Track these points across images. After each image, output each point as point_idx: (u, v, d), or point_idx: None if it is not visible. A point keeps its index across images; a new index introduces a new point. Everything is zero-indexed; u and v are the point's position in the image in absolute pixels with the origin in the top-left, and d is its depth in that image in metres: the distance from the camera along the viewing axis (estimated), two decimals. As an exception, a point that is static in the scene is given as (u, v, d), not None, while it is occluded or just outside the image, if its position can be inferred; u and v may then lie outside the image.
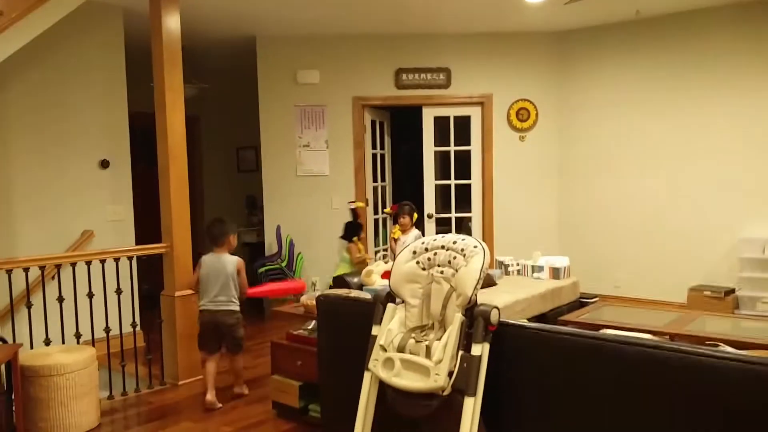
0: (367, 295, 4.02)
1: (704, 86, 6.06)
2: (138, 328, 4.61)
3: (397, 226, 5.79)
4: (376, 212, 7.14)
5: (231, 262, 4.25)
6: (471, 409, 2.46)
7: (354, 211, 6.63)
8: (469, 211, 6.98)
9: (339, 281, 4.61)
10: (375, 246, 7.10)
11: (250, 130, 7.97)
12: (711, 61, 6.00)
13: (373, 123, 7.06)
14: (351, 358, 3.20)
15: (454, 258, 2.76)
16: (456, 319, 2.61)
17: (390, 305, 2.87)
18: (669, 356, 2.07)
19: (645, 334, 3.75)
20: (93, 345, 4.12)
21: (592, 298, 5.45)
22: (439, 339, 2.68)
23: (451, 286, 2.74)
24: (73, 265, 4.23)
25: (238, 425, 3.86)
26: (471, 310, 2.65)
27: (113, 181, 5.56)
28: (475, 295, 2.64)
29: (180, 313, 4.52)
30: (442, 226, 7.17)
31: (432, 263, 2.83)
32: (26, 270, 3.99)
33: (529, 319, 4.25)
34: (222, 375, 4.50)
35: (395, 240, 5.79)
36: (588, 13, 6.12)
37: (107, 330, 4.33)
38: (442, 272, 2.78)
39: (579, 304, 5.34)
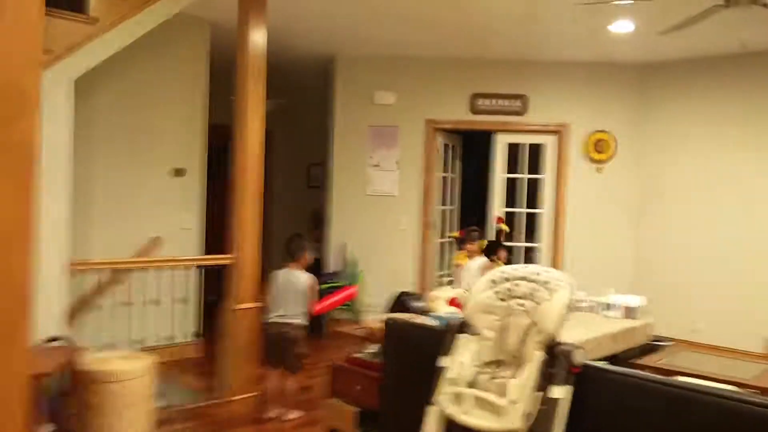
0: (433, 322, 3.87)
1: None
2: (200, 337, 4.58)
3: (462, 252, 5.60)
4: (441, 236, 6.99)
5: (304, 278, 4.36)
6: (549, 456, 2.27)
7: (498, 232, 6.50)
8: (537, 241, 6.75)
9: (399, 304, 4.47)
10: (439, 270, 6.94)
11: (321, 147, 7.98)
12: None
13: (444, 146, 6.94)
14: (416, 387, 3.05)
15: (537, 291, 2.59)
16: (536, 357, 2.44)
17: (462, 336, 2.72)
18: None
19: (729, 386, 3.47)
20: (152, 353, 4.10)
21: (666, 342, 5.14)
22: (515, 377, 2.51)
23: (531, 320, 2.57)
24: (140, 270, 4.25)
25: (291, 448, 3.75)
26: (552, 348, 2.48)
27: (186, 189, 5.61)
28: (558, 332, 2.47)
29: (238, 327, 4.45)
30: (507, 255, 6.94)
31: (512, 294, 2.67)
32: (97, 273, 4.03)
33: (598, 360, 4.00)
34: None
35: (458, 266, 5.60)
36: (674, 46, 5.87)
37: (162, 338, 4.30)
38: (522, 305, 2.62)
39: (651, 347, 5.05)
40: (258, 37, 4.50)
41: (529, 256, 6.84)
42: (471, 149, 7.68)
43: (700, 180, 6.27)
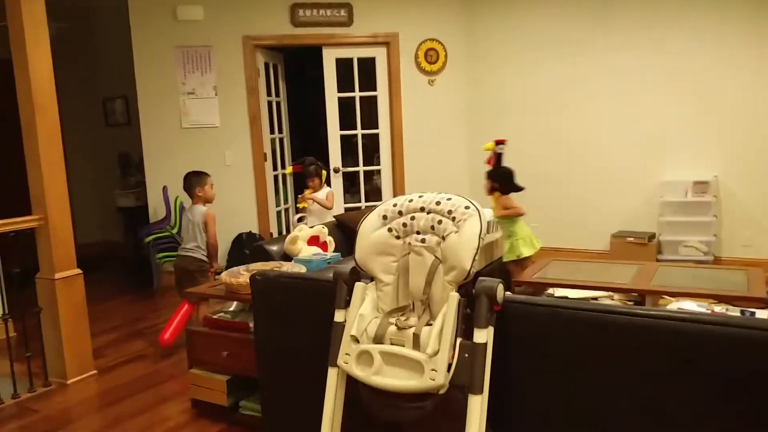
0: (301, 267, 3.44)
1: (622, 28, 5.80)
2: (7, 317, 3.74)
3: (307, 190, 5.11)
4: (275, 168, 6.44)
5: (199, 212, 4.50)
6: (478, 409, 2.02)
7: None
8: (379, 164, 6.46)
9: (259, 251, 3.97)
10: (276, 206, 6.42)
11: (120, 78, 6.91)
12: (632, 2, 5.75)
13: (266, 66, 6.28)
14: (298, 347, 2.65)
15: (440, 222, 2.25)
16: (452, 298, 2.12)
17: (358, 284, 2.32)
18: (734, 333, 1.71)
19: (615, 293, 3.49)
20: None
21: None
22: (428, 324, 2.19)
23: (436, 257, 2.24)
24: None
25: (152, 432, 3.19)
26: (466, 287, 2.17)
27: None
28: (473, 267, 2.17)
29: (63, 299, 3.70)
30: (349, 181, 6.62)
31: (409, 230, 2.31)
32: None
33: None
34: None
35: (305, 208, 5.09)
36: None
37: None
38: (423, 240, 2.27)
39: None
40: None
41: (369, 181, 6.55)
42: (298, 72, 7.11)
43: (531, 86, 6.26)
